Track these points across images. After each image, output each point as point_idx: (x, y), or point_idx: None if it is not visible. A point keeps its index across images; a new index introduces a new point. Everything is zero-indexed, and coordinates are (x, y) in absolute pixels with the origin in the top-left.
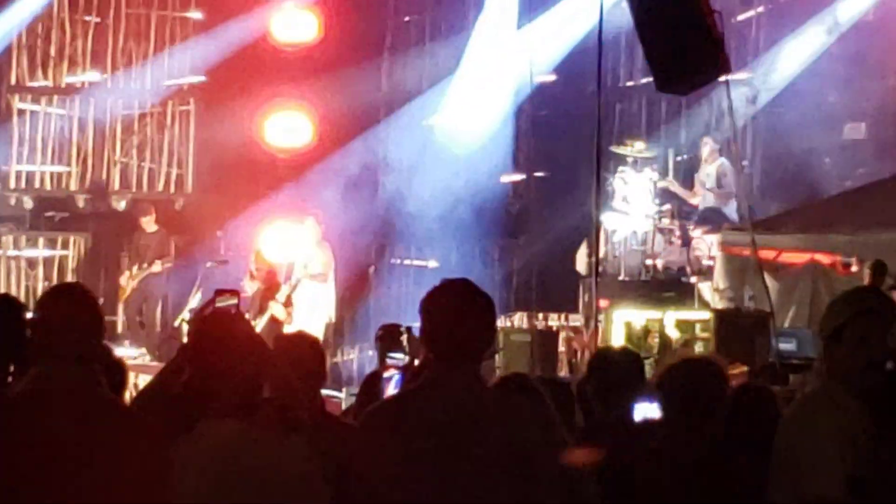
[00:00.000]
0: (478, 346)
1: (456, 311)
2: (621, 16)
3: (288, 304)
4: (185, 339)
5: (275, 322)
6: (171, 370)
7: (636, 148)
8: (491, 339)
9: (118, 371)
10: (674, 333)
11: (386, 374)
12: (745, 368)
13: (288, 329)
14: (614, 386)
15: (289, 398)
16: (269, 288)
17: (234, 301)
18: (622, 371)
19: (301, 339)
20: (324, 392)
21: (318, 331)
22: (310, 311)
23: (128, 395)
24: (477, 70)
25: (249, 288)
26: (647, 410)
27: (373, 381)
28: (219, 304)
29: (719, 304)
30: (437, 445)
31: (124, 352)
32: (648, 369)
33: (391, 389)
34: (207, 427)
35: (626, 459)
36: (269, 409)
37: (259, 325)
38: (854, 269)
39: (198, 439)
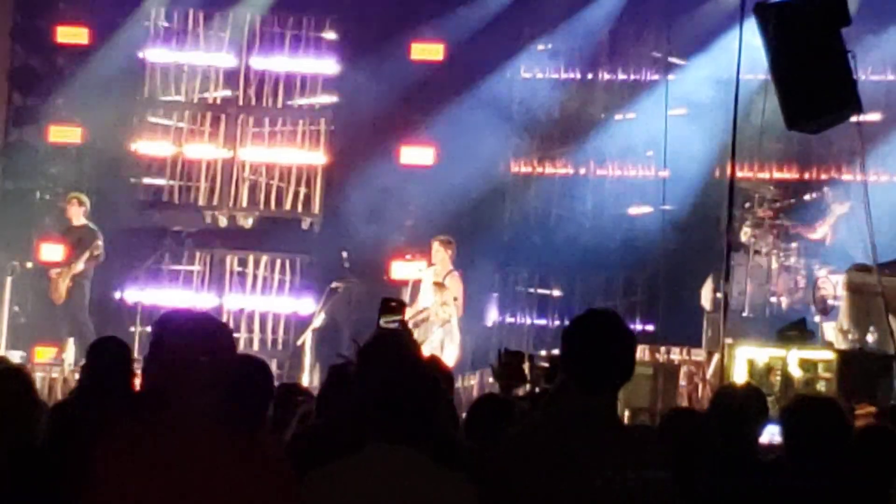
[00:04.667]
0: (619, 376)
1: (602, 339)
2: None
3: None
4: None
5: None
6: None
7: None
8: (630, 371)
9: None
10: (796, 372)
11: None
12: (872, 409)
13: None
14: (738, 420)
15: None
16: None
17: (399, 317)
18: (746, 405)
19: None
20: None
21: (451, 358)
22: (446, 339)
23: None
24: None
25: None
26: (773, 434)
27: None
28: (383, 324)
29: (843, 344)
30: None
31: None
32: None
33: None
34: (377, 451)
35: (752, 496)
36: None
37: None
38: None
39: (368, 463)
